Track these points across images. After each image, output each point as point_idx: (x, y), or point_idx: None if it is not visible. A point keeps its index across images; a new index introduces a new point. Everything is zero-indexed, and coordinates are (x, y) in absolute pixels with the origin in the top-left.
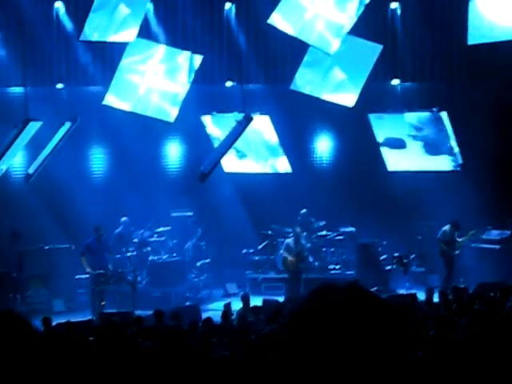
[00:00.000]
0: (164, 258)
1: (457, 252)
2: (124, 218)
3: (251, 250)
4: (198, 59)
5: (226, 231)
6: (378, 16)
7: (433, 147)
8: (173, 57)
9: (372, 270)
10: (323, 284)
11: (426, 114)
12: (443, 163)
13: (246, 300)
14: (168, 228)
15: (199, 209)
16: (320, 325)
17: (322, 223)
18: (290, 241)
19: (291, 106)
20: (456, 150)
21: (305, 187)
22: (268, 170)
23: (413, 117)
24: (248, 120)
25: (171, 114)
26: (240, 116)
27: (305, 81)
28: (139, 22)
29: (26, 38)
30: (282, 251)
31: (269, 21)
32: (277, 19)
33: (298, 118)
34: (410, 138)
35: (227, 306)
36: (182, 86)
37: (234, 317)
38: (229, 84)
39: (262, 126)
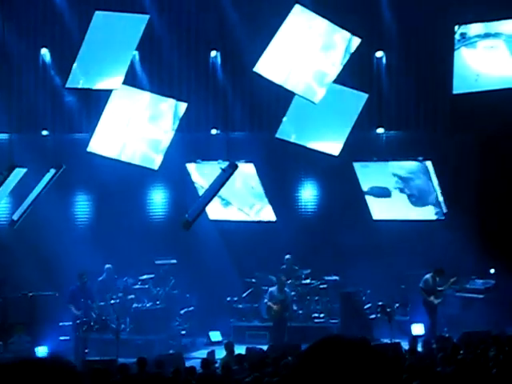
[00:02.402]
0: (148, 305)
1: (439, 301)
2: (108, 266)
3: (235, 298)
4: (182, 107)
5: (210, 279)
6: (363, 65)
7: (418, 198)
8: (157, 104)
9: (356, 318)
10: (327, 336)
11: (411, 165)
12: (428, 213)
13: (229, 348)
14: (152, 276)
15: (183, 256)
16: (323, 377)
17: (307, 271)
18: (273, 289)
19: (276, 154)
20: (440, 198)
21: (289, 235)
22: (252, 218)
23: (398, 167)
24: (233, 168)
25: (155, 161)
26: (225, 164)
27: (290, 129)
28: (125, 69)
29: (11, 84)
30: (265, 300)
31: (254, 69)
32: (262, 67)
33: (283, 166)
34: (396, 189)
35: (210, 355)
36: (166, 133)
37: (217, 365)
38: (214, 132)
39: (247, 174)
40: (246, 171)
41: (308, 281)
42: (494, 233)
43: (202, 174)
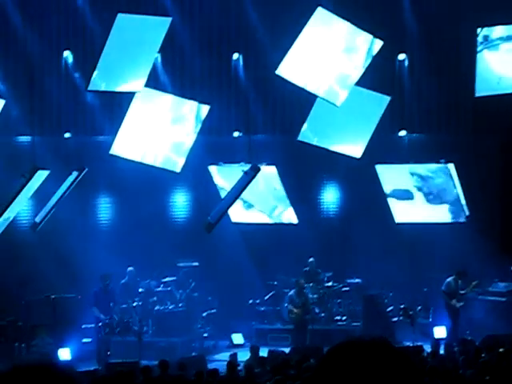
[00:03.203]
0: (170, 308)
1: (461, 304)
2: (130, 268)
3: (257, 301)
4: (204, 109)
5: (233, 281)
6: (385, 67)
7: (436, 196)
8: (180, 107)
9: (378, 321)
10: (347, 339)
11: (432, 166)
12: (450, 215)
13: (254, 351)
14: (174, 278)
15: (206, 259)
16: (345, 378)
17: (329, 274)
18: (292, 293)
19: (298, 157)
20: (463, 201)
21: (311, 238)
22: (274, 220)
23: (419, 168)
24: (255, 170)
25: (178, 163)
26: (247, 166)
27: (312, 132)
28: (147, 71)
29: (34, 87)
30: (286, 304)
31: (277, 72)
32: (285, 70)
33: (305, 168)
34: (414, 187)
35: (233, 357)
36: (188, 135)
37: (240, 367)
38: (236, 134)
39: (269, 177)
40: (269, 174)
41: (330, 283)
42: None
43: (224, 177)
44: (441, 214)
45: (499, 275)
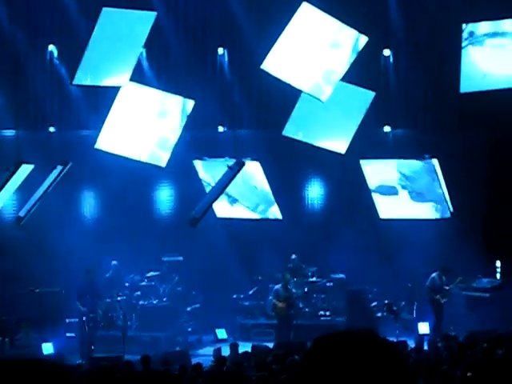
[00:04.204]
0: (154, 302)
1: (445, 300)
2: (114, 262)
3: (241, 296)
4: (190, 104)
5: (217, 276)
6: (370, 63)
7: (424, 195)
8: (165, 101)
9: (362, 316)
10: (333, 332)
11: (417, 163)
12: (434, 211)
13: (234, 348)
14: (158, 273)
15: (190, 253)
16: (332, 371)
17: (313, 269)
18: (278, 287)
19: (283, 152)
20: (447, 197)
21: (296, 233)
22: (259, 215)
23: (403, 165)
24: (240, 165)
25: (163, 158)
26: (231, 161)
27: (297, 127)
28: (132, 66)
29: (18, 81)
30: (271, 297)
31: (262, 66)
32: (269, 65)
33: (290, 163)
34: (402, 186)
35: (217, 352)
36: (173, 130)
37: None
38: (221, 129)
39: (254, 172)
40: (253, 169)
41: (314, 279)
42: (501, 232)
43: (208, 172)
44: (425, 212)
45: (483, 271)
